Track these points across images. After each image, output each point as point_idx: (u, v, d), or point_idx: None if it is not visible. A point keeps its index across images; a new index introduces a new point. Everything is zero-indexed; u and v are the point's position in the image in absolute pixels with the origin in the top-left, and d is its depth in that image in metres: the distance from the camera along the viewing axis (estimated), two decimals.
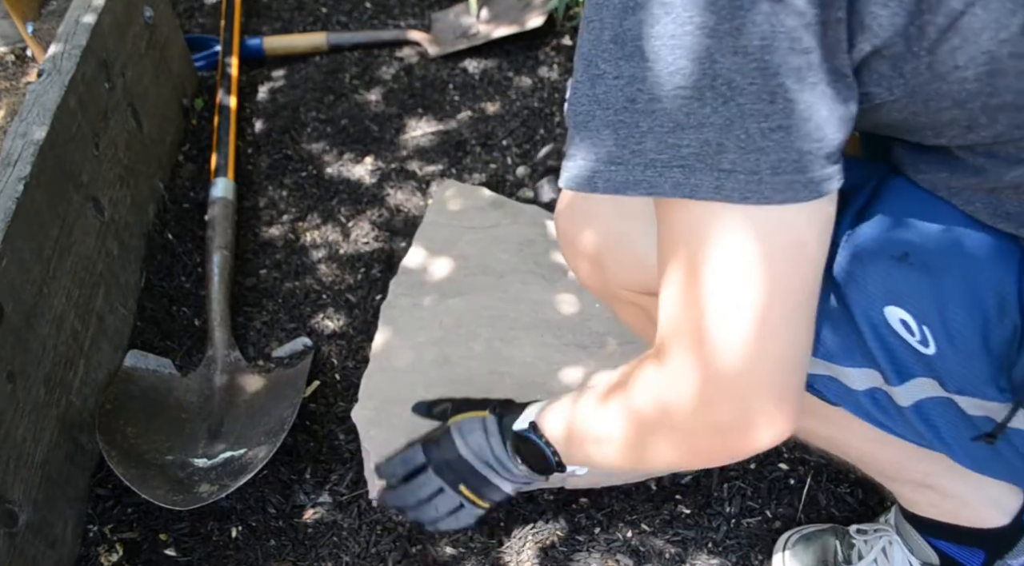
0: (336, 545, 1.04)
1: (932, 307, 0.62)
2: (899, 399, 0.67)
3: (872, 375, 0.67)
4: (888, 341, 0.64)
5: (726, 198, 0.54)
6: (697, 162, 0.54)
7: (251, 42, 1.71)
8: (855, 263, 0.64)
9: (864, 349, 0.66)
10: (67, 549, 1.01)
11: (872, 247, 0.64)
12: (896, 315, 0.63)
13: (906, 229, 0.64)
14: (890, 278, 0.63)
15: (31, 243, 1.00)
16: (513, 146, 1.53)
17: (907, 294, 0.63)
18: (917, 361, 0.64)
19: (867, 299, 0.64)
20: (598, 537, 1.03)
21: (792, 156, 0.53)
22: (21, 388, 0.95)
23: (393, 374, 1.13)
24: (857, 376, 0.68)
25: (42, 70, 1.15)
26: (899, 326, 0.63)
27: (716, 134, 0.53)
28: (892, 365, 0.65)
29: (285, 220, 1.43)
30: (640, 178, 0.56)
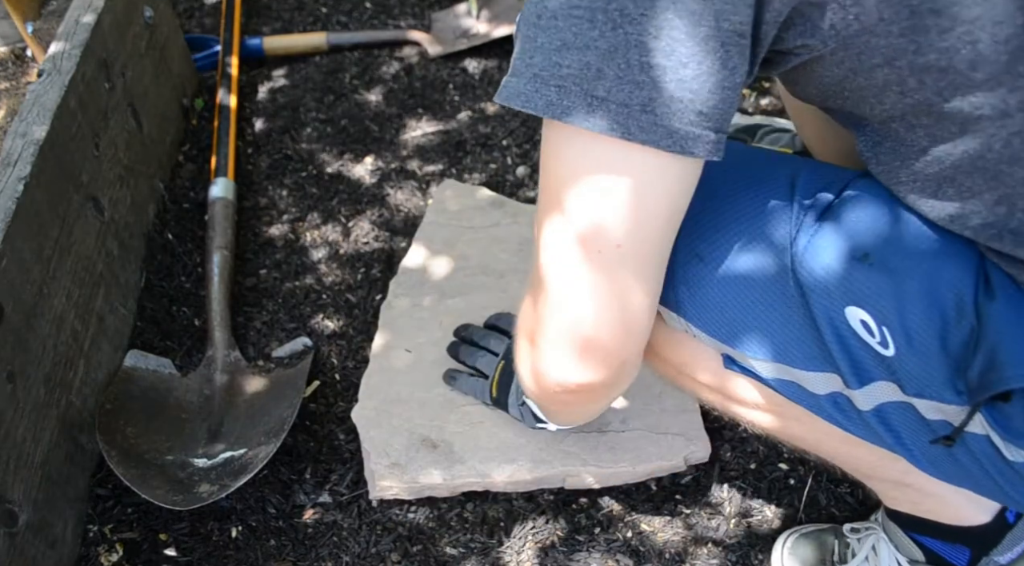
0: (336, 545, 1.04)
1: (892, 308, 0.62)
2: (859, 403, 0.67)
3: (832, 379, 0.67)
4: (848, 343, 0.64)
5: (592, 126, 0.54)
6: (573, 85, 0.54)
7: (251, 42, 1.71)
8: (817, 263, 0.65)
9: (824, 352, 0.66)
10: (67, 549, 1.01)
11: (834, 247, 0.64)
12: (857, 316, 0.63)
13: (868, 230, 0.65)
14: (851, 278, 0.63)
15: (31, 243, 1.00)
16: (513, 146, 1.53)
17: (867, 295, 0.63)
18: (877, 363, 0.64)
19: (828, 299, 0.64)
20: (598, 537, 1.03)
21: (664, 98, 0.53)
22: (21, 388, 0.95)
23: (393, 374, 1.13)
24: (818, 380, 0.68)
25: (42, 70, 1.15)
26: (859, 327, 0.63)
27: (598, 59, 0.53)
28: (852, 368, 0.65)
29: (285, 220, 1.43)
30: (522, 91, 0.56)
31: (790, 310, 0.66)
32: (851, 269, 0.64)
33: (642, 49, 0.53)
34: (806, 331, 0.66)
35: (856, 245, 0.64)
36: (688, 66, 0.53)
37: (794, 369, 0.68)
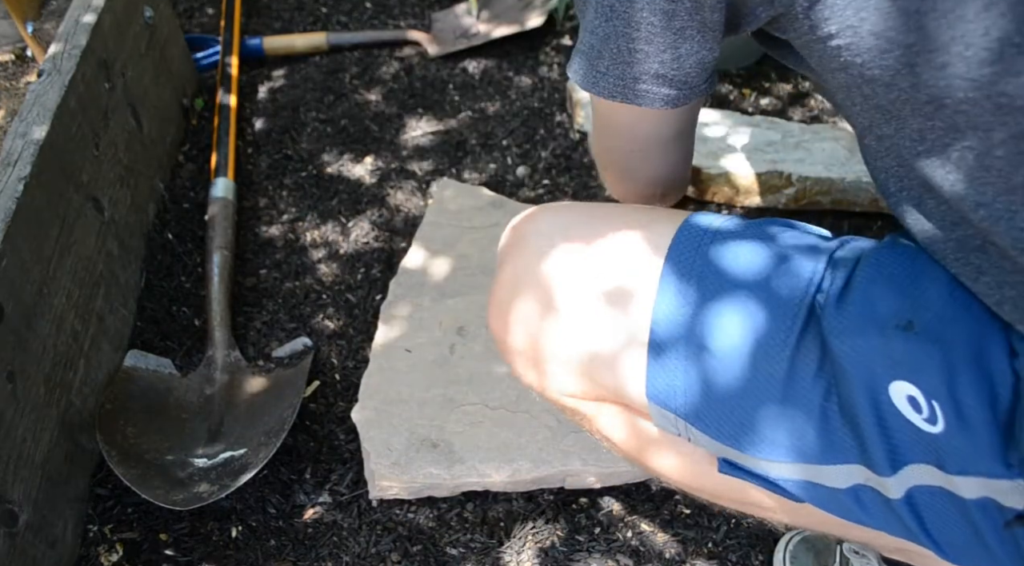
0: (336, 545, 1.04)
1: (941, 379, 0.58)
2: (889, 491, 0.62)
3: (856, 470, 0.62)
4: (888, 424, 0.60)
5: (600, 93, 0.72)
6: (585, 58, 0.71)
7: (251, 42, 1.71)
8: (853, 338, 0.60)
9: (853, 441, 0.61)
10: (67, 549, 1.01)
11: (871, 319, 0.60)
12: (903, 391, 0.59)
13: (904, 295, 0.61)
14: (895, 350, 0.59)
15: (31, 243, 1.00)
16: (513, 146, 1.53)
17: (915, 366, 0.58)
18: (917, 443, 0.59)
19: (871, 376, 0.59)
20: (598, 537, 1.03)
21: (649, 74, 0.68)
22: (21, 388, 0.95)
23: (393, 374, 1.13)
24: (839, 474, 0.63)
25: (42, 70, 1.15)
26: (904, 404, 0.59)
27: (598, 42, 0.69)
28: (888, 452, 0.60)
29: (285, 220, 1.43)
30: (572, 56, 0.74)
31: (811, 399, 0.62)
32: (894, 340, 0.59)
33: (627, 38, 0.66)
34: (832, 420, 0.62)
35: (895, 313, 0.60)
36: (666, 52, 0.66)
37: (812, 465, 0.64)
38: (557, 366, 0.74)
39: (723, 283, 0.65)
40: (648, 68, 0.68)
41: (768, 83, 1.63)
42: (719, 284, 0.65)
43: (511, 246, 0.78)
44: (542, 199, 1.42)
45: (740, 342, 0.64)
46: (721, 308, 0.65)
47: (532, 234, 0.76)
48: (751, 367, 0.63)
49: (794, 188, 1.34)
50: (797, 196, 1.34)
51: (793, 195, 1.34)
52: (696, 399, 0.66)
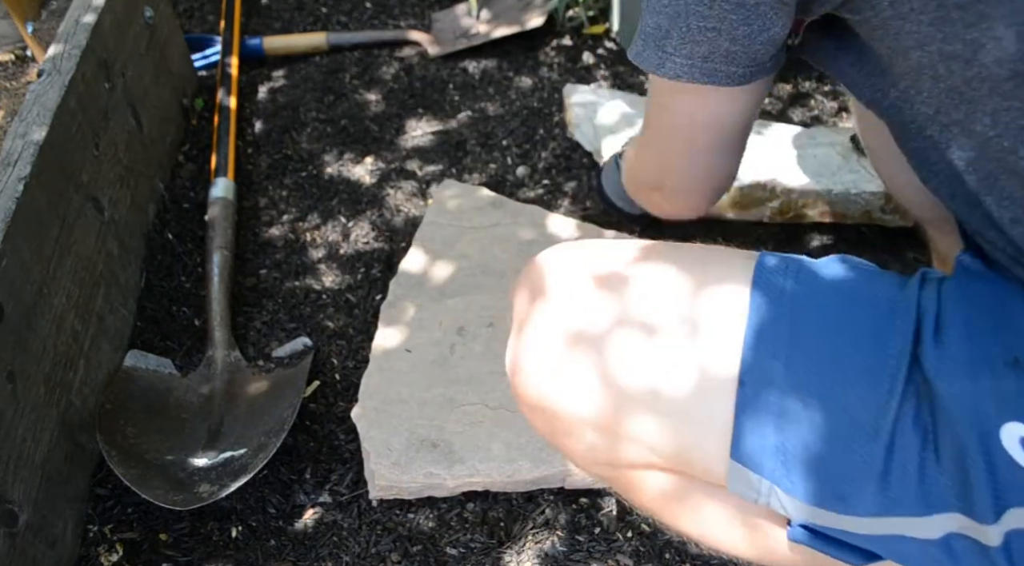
0: (336, 545, 1.04)
1: None
2: (988, 538, 0.58)
3: (953, 519, 0.59)
4: (997, 468, 0.56)
5: (667, 74, 0.69)
6: (651, 40, 0.69)
7: (251, 42, 1.71)
8: (963, 381, 0.57)
9: (954, 489, 0.58)
10: (67, 549, 1.01)
11: (978, 359, 0.57)
12: (1017, 433, 0.56)
13: (1001, 329, 0.58)
14: (1007, 390, 0.56)
15: (31, 243, 1.00)
16: (513, 146, 1.53)
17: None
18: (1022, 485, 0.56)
19: (981, 419, 0.56)
20: (598, 537, 1.03)
21: (720, 52, 0.66)
22: (21, 388, 0.95)
23: (393, 374, 1.13)
24: (934, 524, 0.59)
25: (42, 70, 1.15)
26: (1015, 446, 0.56)
27: (666, 22, 0.66)
28: (993, 497, 0.56)
29: (285, 220, 1.43)
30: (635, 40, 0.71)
31: (912, 448, 0.59)
32: (1003, 379, 0.56)
33: (698, 16, 0.64)
34: (929, 469, 0.58)
35: (998, 351, 0.57)
36: (739, 28, 0.63)
37: (906, 518, 0.60)
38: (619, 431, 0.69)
39: (817, 332, 0.62)
40: (719, 47, 0.65)
41: None
42: (813, 333, 0.62)
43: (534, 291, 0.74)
44: (542, 199, 1.42)
45: (841, 395, 0.60)
46: (818, 359, 0.62)
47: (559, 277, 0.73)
48: (852, 421, 0.60)
49: (779, 200, 1.29)
50: (782, 209, 1.30)
51: (778, 208, 1.30)
52: (788, 458, 0.62)
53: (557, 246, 0.78)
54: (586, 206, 1.41)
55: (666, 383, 0.66)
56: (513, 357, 0.74)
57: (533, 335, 0.72)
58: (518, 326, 0.75)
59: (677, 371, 0.66)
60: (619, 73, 1.67)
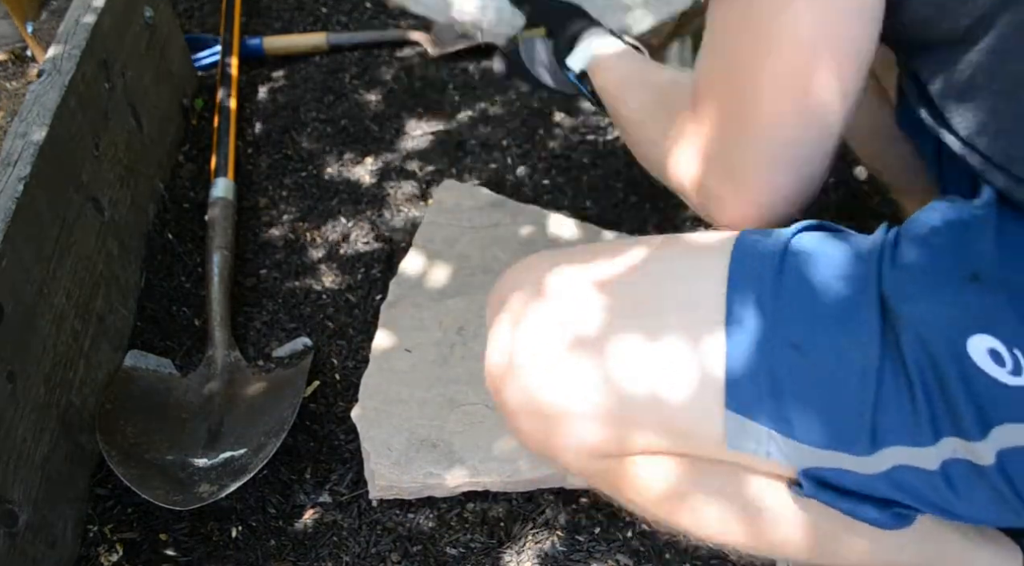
0: (336, 545, 1.04)
1: (1017, 325, 0.55)
2: (981, 457, 0.58)
3: (947, 444, 0.59)
4: (973, 383, 0.56)
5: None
6: None
7: (251, 42, 1.71)
8: (926, 300, 0.58)
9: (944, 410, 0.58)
10: (67, 549, 1.01)
11: (937, 275, 0.58)
12: (983, 345, 0.56)
13: (962, 249, 0.59)
14: (966, 303, 0.56)
15: (31, 243, 1.00)
16: (513, 146, 1.53)
17: (990, 317, 0.56)
18: (1004, 400, 0.56)
19: (949, 335, 0.57)
20: (598, 537, 1.03)
21: None
22: (21, 388, 0.95)
23: (393, 374, 1.13)
24: (934, 453, 0.60)
25: (42, 70, 1.15)
26: (985, 359, 0.56)
27: None
28: (977, 413, 0.57)
29: (285, 220, 1.43)
30: None
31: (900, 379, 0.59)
32: (962, 293, 0.57)
33: None
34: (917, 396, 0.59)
35: (958, 266, 0.58)
36: None
37: (904, 448, 0.60)
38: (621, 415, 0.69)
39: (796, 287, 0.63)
40: None
41: None
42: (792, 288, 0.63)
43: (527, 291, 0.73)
44: (542, 199, 1.42)
45: (825, 334, 0.61)
46: (799, 309, 0.62)
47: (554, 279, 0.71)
48: (841, 358, 0.61)
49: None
50: None
51: None
52: (785, 403, 0.62)
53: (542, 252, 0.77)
54: (586, 206, 1.41)
55: (658, 354, 0.66)
56: (506, 355, 0.73)
57: (529, 333, 0.71)
58: (512, 325, 0.73)
59: (668, 341, 0.66)
60: None
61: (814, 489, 0.65)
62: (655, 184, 1.45)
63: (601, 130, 1.55)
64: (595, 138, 1.53)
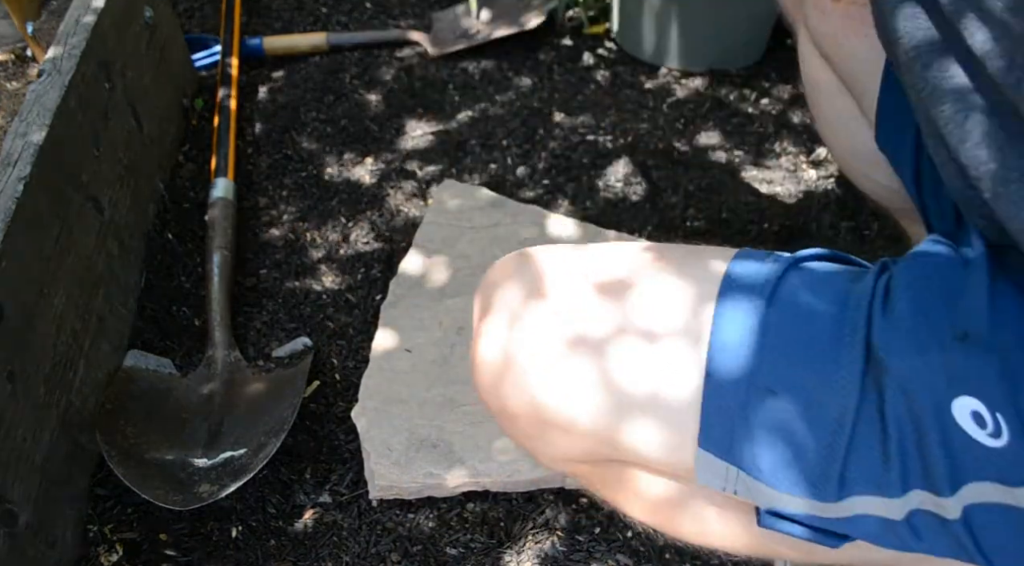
0: (336, 545, 1.04)
1: (1003, 389, 0.55)
2: (947, 512, 0.58)
3: (915, 496, 0.59)
4: (952, 443, 0.56)
5: None
6: None
7: (251, 42, 1.71)
8: (913, 356, 0.57)
9: (918, 465, 0.58)
10: (67, 549, 1.01)
11: (927, 332, 0.57)
12: (967, 407, 0.56)
13: (953, 305, 0.58)
14: (956, 364, 0.56)
15: (31, 243, 1.00)
16: (513, 146, 1.53)
17: (977, 380, 0.56)
18: (979, 461, 0.56)
19: (934, 394, 0.56)
20: (598, 537, 1.03)
21: None
22: (21, 388, 0.95)
23: (393, 374, 1.13)
24: (900, 504, 0.60)
25: (42, 70, 1.15)
26: (968, 421, 0.56)
27: None
28: (950, 471, 0.57)
29: (285, 220, 1.43)
30: None
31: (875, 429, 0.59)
32: (951, 352, 0.56)
33: None
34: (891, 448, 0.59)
35: (949, 325, 0.57)
36: None
37: (871, 498, 0.60)
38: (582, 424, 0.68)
39: (783, 327, 0.62)
40: None
41: (768, 83, 1.63)
42: (779, 328, 0.62)
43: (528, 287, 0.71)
44: (542, 199, 1.42)
45: (803, 384, 0.60)
46: (783, 351, 0.61)
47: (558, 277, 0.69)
48: (817, 405, 0.60)
49: None
50: None
51: None
52: (755, 446, 0.62)
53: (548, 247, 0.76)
54: (586, 206, 1.41)
55: (638, 378, 0.66)
56: (501, 352, 0.71)
57: (527, 331, 0.70)
58: (509, 322, 0.72)
59: (650, 366, 0.65)
60: (619, 73, 1.67)
61: (771, 520, 0.66)
62: (656, 184, 1.45)
63: (601, 130, 1.55)
64: (595, 138, 1.53)
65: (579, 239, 1.27)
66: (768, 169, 1.48)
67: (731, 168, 1.48)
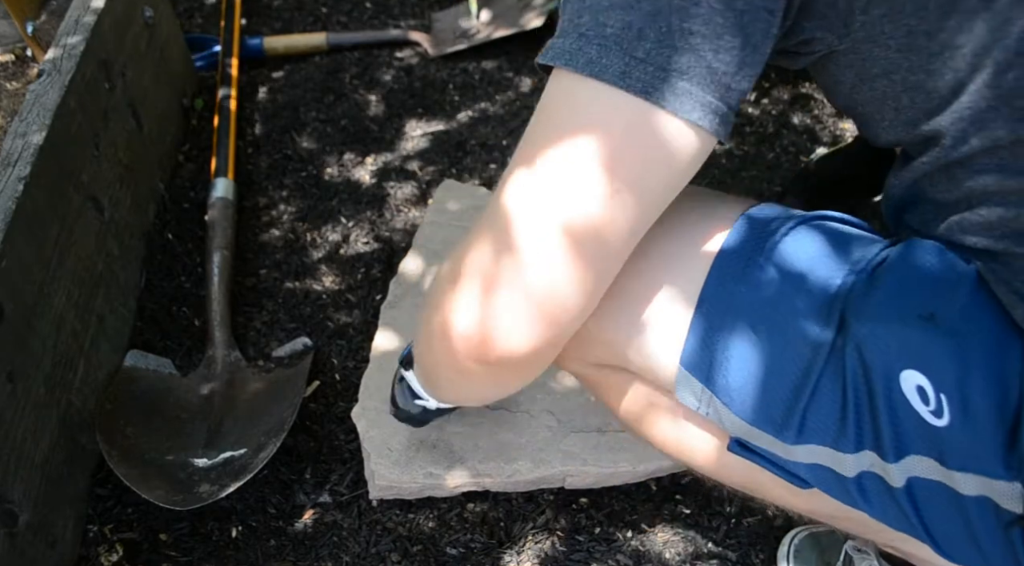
0: (336, 545, 1.04)
1: (953, 373, 0.58)
2: (892, 478, 0.62)
3: (866, 457, 0.63)
4: (897, 410, 0.60)
5: (628, 87, 0.54)
6: (615, 44, 0.55)
7: (251, 42, 1.71)
8: (874, 323, 0.61)
9: (869, 426, 0.62)
10: (67, 549, 1.01)
11: (894, 306, 0.61)
12: (913, 381, 0.59)
13: (931, 289, 0.61)
14: (912, 340, 0.59)
15: (31, 243, 1.00)
16: (513, 146, 1.52)
17: (929, 358, 0.59)
18: (921, 435, 0.60)
19: (886, 362, 0.60)
20: (598, 537, 1.03)
21: (700, 68, 0.55)
22: (21, 388, 0.95)
23: (393, 374, 1.13)
24: (852, 461, 0.64)
25: (42, 70, 1.15)
26: (913, 393, 0.60)
27: (640, 20, 0.54)
28: (894, 438, 0.61)
29: (285, 220, 1.43)
30: (566, 49, 0.57)
31: (837, 385, 0.62)
32: (913, 329, 0.59)
33: (682, 13, 0.54)
34: (849, 407, 0.62)
35: (918, 304, 0.60)
36: (723, 37, 0.54)
37: (828, 450, 0.64)
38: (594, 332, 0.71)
39: (777, 269, 0.65)
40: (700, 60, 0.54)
41: (768, 83, 1.63)
42: (774, 270, 0.65)
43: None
44: None
45: (784, 325, 0.64)
46: (772, 293, 0.64)
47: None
48: (791, 350, 0.63)
49: None
50: None
51: None
52: (729, 374, 0.66)
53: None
54: None
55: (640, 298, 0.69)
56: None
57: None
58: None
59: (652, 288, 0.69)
60: None
61: (739, 448, 0.70)
62: None
63: None
64: None
65: None
66: (768, 169, 1.48)
67: (731, 168, 1.48)
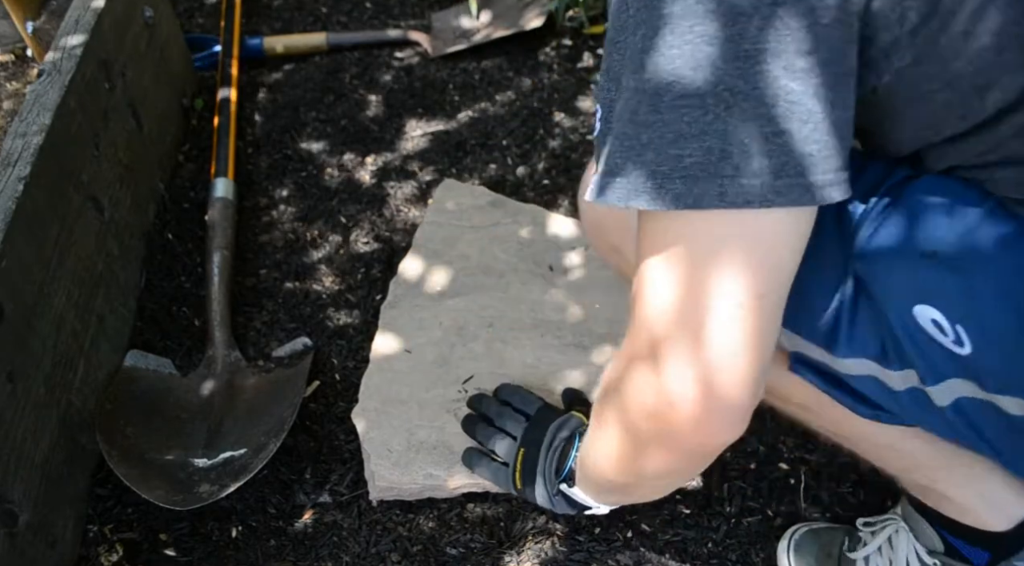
0: (336, 545, 1.04)
1: (965, 306, 0.60)
2: (937, 399, 0.65)
3: (911, 375, 0.66)
4: (920, 342, 0.63)
5: (729, 204, 0.54)
6: (700, 172, 0.54)
7: (251, 42, 1.71)
8: (880, 262, 0.63)
9: (901, 349, 0.65)
10: (67, 549, 1.01)
11: (898, 245, 0.63)
12: (927, 315, 0.61)
13: (933, 226, 0.62)
14: (917, 277, 0.62)
15: (31, 243, 1.00)
16: (513, 146, 1.53)
17: (936, 293, 0.61)
18: (951, 362, 0.62)
19: (895, 299, 0.63)
20: (598, 537, 1.03)
21: (795, 159, 0.53)
22: (21, 388, 0.95)
23: (393, 374, 1.13)
24: (899, 378, 0.67)
25: (42, 70, 1.15)
26: (930, 326, 0.62)
27: (719, 141, 0.53)
28: (927, 366, 0.63)
29: (285, 220, 1.43)
30: (641, 189, 0.56)
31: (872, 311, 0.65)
32: (916, 267, 0.61)
33: (762, 121, 0.53)
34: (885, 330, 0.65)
35: (921, 241, 0.62)
36: (808, 122, 0.53)
37: (875, 363, 0.67)
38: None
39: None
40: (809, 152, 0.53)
41: None
42: None
43: None
44: (542, 199, 1.42)
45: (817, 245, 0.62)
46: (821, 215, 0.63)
47: None
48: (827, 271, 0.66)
49: None
50: None
51: None
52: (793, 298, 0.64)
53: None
54: None
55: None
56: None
57: None
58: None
59: None
60: None
61: (799, 367, 0.73)
62: None
63: None
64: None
65: (580, 239, 1.27)
66: None
67: None
